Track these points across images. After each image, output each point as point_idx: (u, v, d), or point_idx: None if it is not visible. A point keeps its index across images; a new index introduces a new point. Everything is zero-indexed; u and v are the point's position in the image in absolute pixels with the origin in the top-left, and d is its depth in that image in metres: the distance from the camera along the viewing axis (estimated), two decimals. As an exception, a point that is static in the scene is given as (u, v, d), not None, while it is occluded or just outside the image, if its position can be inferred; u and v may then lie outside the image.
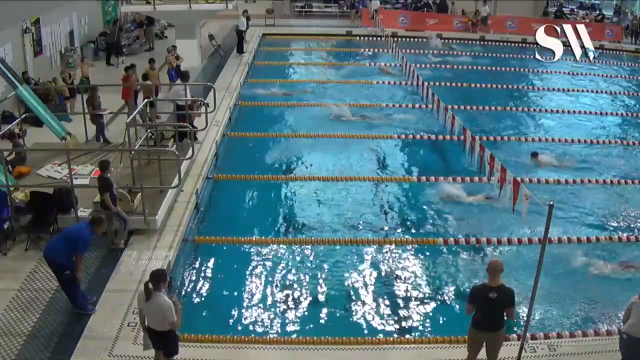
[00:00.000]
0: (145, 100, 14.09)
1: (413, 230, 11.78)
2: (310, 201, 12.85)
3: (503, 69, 23.56)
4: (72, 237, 8.43)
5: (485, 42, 27.98)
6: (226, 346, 8.23)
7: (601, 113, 18.96)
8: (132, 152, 11.31)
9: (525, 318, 7.98)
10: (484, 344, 7.33)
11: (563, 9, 31.84)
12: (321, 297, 9.69)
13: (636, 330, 7.20)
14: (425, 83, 16.95)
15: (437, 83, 19.76)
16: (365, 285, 10.05)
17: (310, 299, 9.65)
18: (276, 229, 11.79)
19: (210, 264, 10.53)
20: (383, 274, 10.35)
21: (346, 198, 12.95)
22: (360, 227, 11.82)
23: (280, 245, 11.09)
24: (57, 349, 7.96)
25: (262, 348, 8.32)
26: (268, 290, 9.85)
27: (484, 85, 21.07)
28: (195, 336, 8.26)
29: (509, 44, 27.63)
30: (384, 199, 12.93)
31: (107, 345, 8.04)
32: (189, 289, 9.86)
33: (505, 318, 7.19)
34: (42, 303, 8.85)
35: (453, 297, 9.66)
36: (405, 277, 10.26)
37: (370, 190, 13.28)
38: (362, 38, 28.07)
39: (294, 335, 8.72)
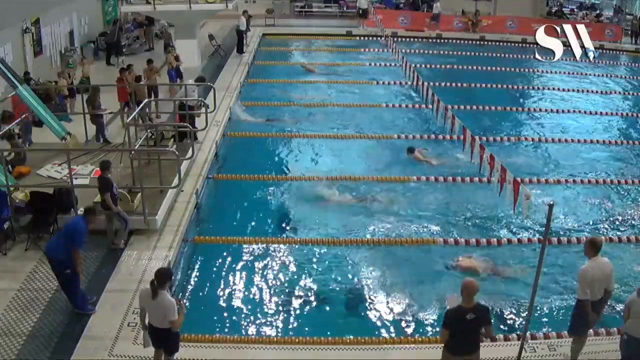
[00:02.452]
0: (145, 100, 14.08)
1: (413, 231, 11.77)
2: (310, 201, 12.83)
3: (502, 69, 23.56)
4: (69, 232, 8.46)
5: (485, 42, 27.99)
6: (226, 346, 8.24)
7: (601, 113, 18.97)
8: (132, 152, 11.32)
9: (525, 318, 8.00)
10: None
11: (563, 9, 31.86)
12: (321, 297, 9.69)
13: (635, 330, 7.19)
14: (426, 83, 16.95)
15: (436, 83, 19.76)
16: (365, 285, 10.05)
17: (310, 298, 9.65)
18: (276, 229, 11.78)
19: (210, 264, 10.54)
20: (383, 273, 10.35)
21: (346, 198, 12.93)
22: (361, 227, 11.81)
23: (280, 245, 11.10)
24: (57, 349, 7.96)
25: (262, 348, 8.32)
26: (268, 290, 9.86)
27: (482, 85, 21.07)
28: (195, 336, 8.26)
29: (508, 44, 27.64)
30: (384, 199, 12.91)
31: (107, 345, 8.04)
32: (189, 289, 9.87)
33: (483, 337, 6.98)
34: (42, 303, 8.85)
35: (453, 297, 9.66)
36: (405, 277, 10.24)
37: (370, 190, 13.27)
38: (362, 38, 28.08)
39: (294, 335, 8.72)
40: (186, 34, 21.58)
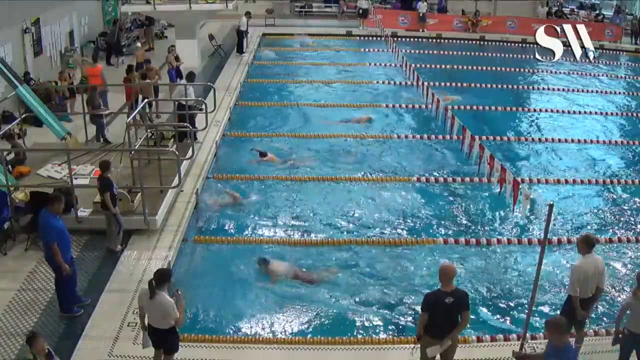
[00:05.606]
0: (145, 100, 14.07)
1: (413, 231, 11.78)
2: (310, 201, 12.83)
3: (502, 69, 23.55)
4: (41, 230, 8.41)
5: (485, 42, 27.98)
6: (226, 346, 8.25)
7: (601, 113, 18.98)
8: (132, 152, 11.32)
9: (525, 318, 7.99)
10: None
11: (563, 8, 31.86)
12: (321, 297, 9.67)
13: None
14: (426, 83, 16.94)
15: (436, 83, 19.75)
16: (365, 285, 10.05)
17: (310, 298, 9.63)
18: (276, 229, 11.77)
19: (210, 264, 10.53)
20: (383, 274, 10.35)
21: (347, 198, 12.94)
22: (361, 227, 11.82)
23: (280, 246, 11.08)
24: (57, 349, 7.92)
25: (262, 348, 8.33)
26: (268, 290, 9.84)
27: (482, 85, 21.05)
28: (195, 336, 8.28)
29: (508, 44, 27.64)
30: (385, 199, 12.91)
31: (107, 345, 8.05)
32: (188, 289, 9.84)
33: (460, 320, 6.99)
34: (42, 303, 8.86)
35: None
36: (405, 277, 10.25)
37: (371, 190, 13.28)
38: (362, 38, 28.08)
39: (294, 335, 8.73)
40: (186, 34, 21.57)
